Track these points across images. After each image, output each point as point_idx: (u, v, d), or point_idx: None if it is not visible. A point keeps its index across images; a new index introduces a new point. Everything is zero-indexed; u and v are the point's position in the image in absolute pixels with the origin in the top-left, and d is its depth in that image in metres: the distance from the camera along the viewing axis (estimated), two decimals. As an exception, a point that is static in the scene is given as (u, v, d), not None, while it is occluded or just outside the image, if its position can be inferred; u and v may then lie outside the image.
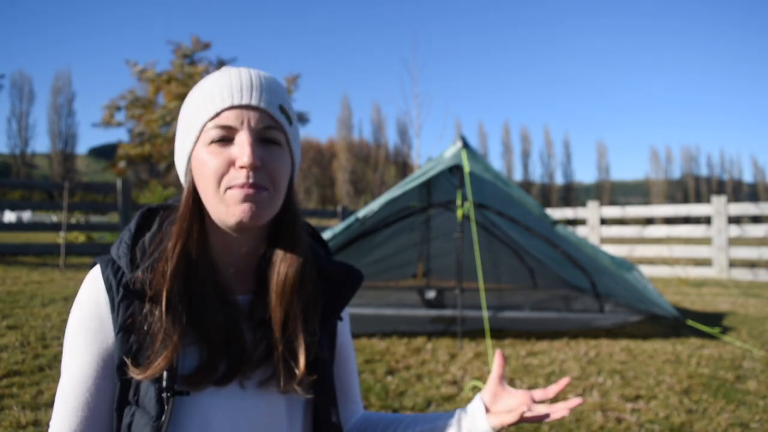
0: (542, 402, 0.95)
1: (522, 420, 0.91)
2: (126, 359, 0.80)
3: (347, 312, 1.06)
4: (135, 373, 0.79)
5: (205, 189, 0.82)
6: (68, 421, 0.81)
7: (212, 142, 0.81)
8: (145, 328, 0.81)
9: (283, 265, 0.86)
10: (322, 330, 0.93)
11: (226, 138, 0.81)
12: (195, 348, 0.83)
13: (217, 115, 0.81)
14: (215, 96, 0.81)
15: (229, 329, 0.84)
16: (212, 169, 0.80)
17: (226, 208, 0.80)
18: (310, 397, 0.89)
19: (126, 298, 0.82)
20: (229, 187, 0.80)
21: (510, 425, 0.92)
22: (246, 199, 0.79)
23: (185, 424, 0.81)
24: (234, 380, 0.83)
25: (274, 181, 0.82)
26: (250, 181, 0.79)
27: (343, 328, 1.04)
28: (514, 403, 0.94)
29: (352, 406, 1.06)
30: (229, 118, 0.80)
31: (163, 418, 0.77)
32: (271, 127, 0.82)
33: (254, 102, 0.81)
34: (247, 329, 0.86)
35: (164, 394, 0.78)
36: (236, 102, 0.80)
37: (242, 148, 0.79)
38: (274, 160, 0.82)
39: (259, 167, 0.79)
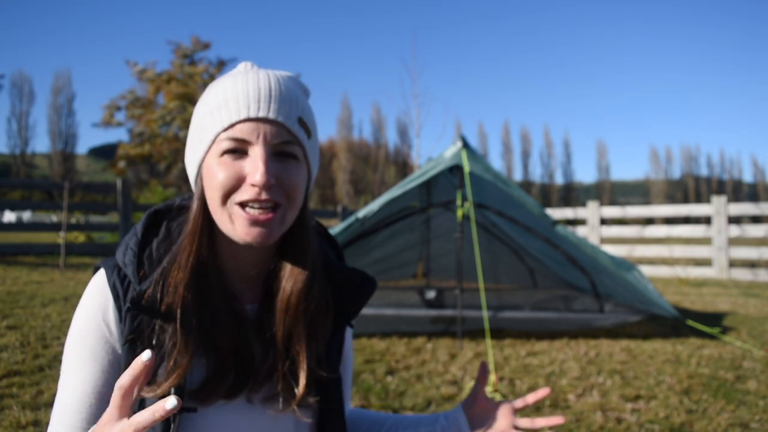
0: (523, 410, 0.98)
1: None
2: None
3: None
4: (143, 392, 0.76)
5: (213, 200, 0.79)
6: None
7: (224, 153, 0.77)
8: (153, 342, 0.79)
9: (290, 280, 0.84)
10: (332, 338, 0.91)
11: (240, 150, 0.77)
12: (202, 361, 0.80)
13: (232, 126, 0.76)
14: (230, 104, 0.77)
15: (238, 341, 0.82)
16: (221, 181, 0.76)
17: (232, 224, 0.78)
18: (309, 420, 0.87)
19: (134, 311, 0.80)
20: (238, 203, 0.77)
21: None
22: (254, 223, 0.76)
23: None
24: (241, 394, 0.81)
25: (289, 197, 0.78)
26: (263, 197, 0.75)
27: (348, 337, 1.02)
28: (499, 424, 0.96)
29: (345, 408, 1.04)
30: (244, 131, 0.76)
31: None
32: (288, 142, 0.78)
33: (272, 115, 0.76)
34: (255, 341, 0.84)
35: None
36: (252, 114, 0.76)
37: (255, 165, 0.75)
38: (290, 176, 0.78)
39: (273, 184, 0.76)
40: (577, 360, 4.04)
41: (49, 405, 2.78)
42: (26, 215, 26.76)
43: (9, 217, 24.48)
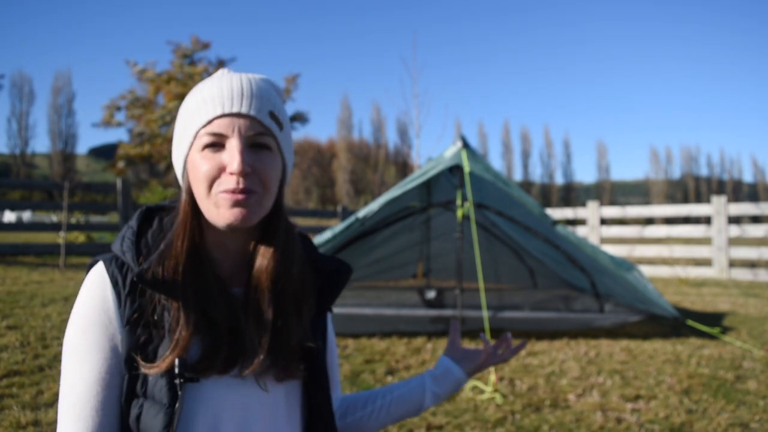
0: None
1: (488, 362, 1.19)
2: (135, 355, 0.82)
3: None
4: (147, 368, 0.81)
5: (198, 191, 0.86)
6: (90, 422, 0.82)
7: (205, 147, 0.85)
8: (155, 317, 0.84)
9: (266, 258, 0.90)
10: (315, 320, 0.98)
11: (218, 144, 0.84)
12: (198, 338, 0.85)
13: (209, 122, 0.84)
14: (207, 104, 0.85)
15: (231, 320, 0.88)
16: (204, 173, 0.84)
17: (217, 210, 0.85)
18: (299, 394, 0.93)
19: (133, 292, 0.85)
20: (221, 191, 0.83)
21: (479, 369, 1.18)
22: (235, 204, 0.83)
23: (190, 413, 0.83)
24: (234, 369, 0.86)
25: (264, 184, 0.86)
26: (240, 186, 0.82)
27: (330, 324, 1.10)
28: (481, 356, 1.18)
29: (335, 394, 1.11)
30: (220, 126, 0.84)
31: (176, 405, 0.80)
32: (261, 134, 0.86)
33: (244, 110, 0.84)
34: (243, 320, 0.89)
35: (177, 381, 0.80)
36: (227, 110, 0.84)
37: (232, 155, 0.83)
38: (264, 164, 0.86)
39: (249, 172, 0.83)
40: (577, 360, 4.04)
41: (49, 405, 2.78)
42: (26, 215, 26.74)
43: (9, 217, 24.47)
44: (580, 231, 10.90)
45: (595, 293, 5.16)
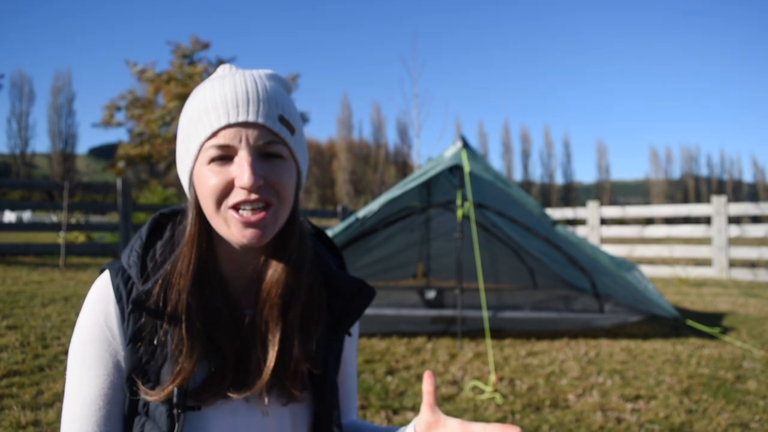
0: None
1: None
2: (136, 377, 0.80)
3: (356, 329, 1.04)
4: (146, 395, 0.78)
5: (207, 207, 0.80)
6: None
7: (212, 161, 0.78)
8: (155, 341, 0.81)
9: (277, 270, 0.85)
10: (328, 343, 0.92)
11: (226, 156, 0.78)
12: (204, 362, 0.82)
13: (215, 134, 0.78)
14: (211, 112, 0.78)
15: (239, 343, 0.84)
16: (212, 188, 0.78)
17: (228, 228, 0.79)
18: (306, 418, 0.88)
19: (136, 310, 0.81)
20: (231, 207, 0.78)
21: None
22: (248, 225, 0.78)
23: None
24: (238, 393, 0.83)
25: (279, 195, 0.80)
26: (253, 197, 0.77)
27: (350, 345, 1.02)
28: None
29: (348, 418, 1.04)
30: (227, 137, 0.77)
31: None
32: (272, 142, 0.79)
33: (251, 118, 0.77)
34: (253, 342, 0.85)
35: (175, 411, 0.78)
36: (233, 120, 0.77)
37: (242, 169, 0.76)
38: (277, 174, 0.80)
39: (261, 185, 0.77)
40: (577, 360, 4.04)
41: (49, 405, 2.78)
42: (26, 215, 26.77)
43: (9, 217, 24.51)
44: (580, 231, 10.90)
45: (595, 293, 5.16)
